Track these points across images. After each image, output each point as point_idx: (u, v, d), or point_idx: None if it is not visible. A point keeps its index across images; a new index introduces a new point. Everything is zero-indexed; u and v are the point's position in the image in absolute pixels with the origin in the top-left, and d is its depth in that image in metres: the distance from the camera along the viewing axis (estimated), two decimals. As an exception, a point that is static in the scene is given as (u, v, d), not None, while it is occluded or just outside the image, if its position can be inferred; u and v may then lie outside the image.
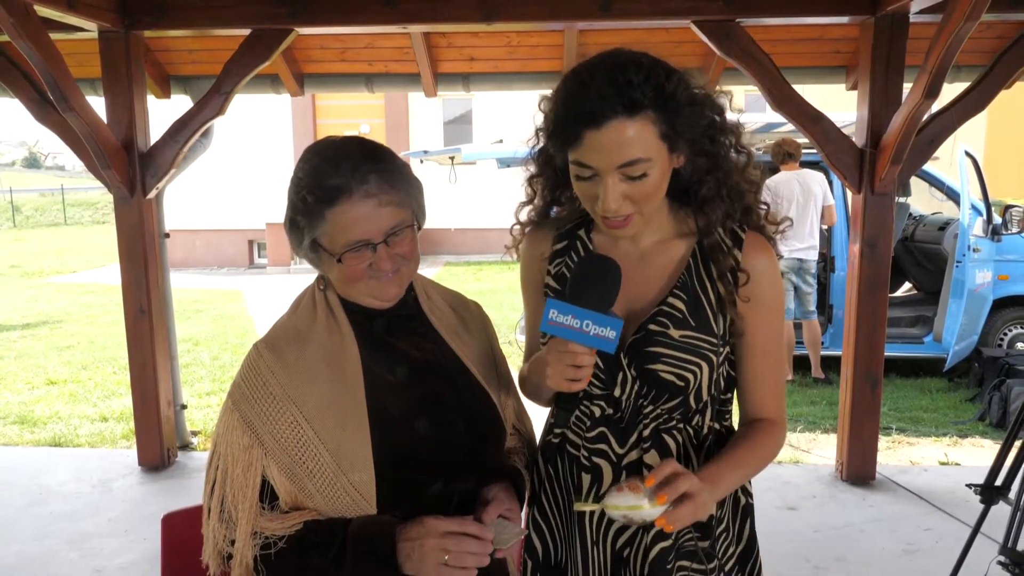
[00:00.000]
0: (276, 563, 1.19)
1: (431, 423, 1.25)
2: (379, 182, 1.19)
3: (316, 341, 1.25)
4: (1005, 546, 2.27)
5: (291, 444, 1.20)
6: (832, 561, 3.31)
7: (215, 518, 1.23)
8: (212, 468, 1.25)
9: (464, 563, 1.15)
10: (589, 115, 1.13)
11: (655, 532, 1.27)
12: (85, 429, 5.39)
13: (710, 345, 1.26)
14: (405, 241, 1.24)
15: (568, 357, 1.16)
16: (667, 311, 1.27)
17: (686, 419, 1.30)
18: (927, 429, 5.21)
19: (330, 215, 1.18)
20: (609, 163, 1.15)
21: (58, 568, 3.33)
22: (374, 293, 1.25)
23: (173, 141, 4.09)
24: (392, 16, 3.84)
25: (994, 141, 15.28)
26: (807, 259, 5.87)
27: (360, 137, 1.27)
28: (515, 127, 14.53)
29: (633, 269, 1.30)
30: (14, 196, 28.19)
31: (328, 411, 1.20)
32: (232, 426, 1.23)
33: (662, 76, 1.15)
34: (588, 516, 1.32)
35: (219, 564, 1.24)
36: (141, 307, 4.20)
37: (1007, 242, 5.94)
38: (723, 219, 1.28)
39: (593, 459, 1.31)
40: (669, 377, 1.25)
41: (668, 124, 1.16)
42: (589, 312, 1.14)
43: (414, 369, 1.29)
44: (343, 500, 1.19)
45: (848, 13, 3.74)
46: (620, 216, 1.21)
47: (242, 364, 1.27)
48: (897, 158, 3.60)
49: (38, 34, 3.33)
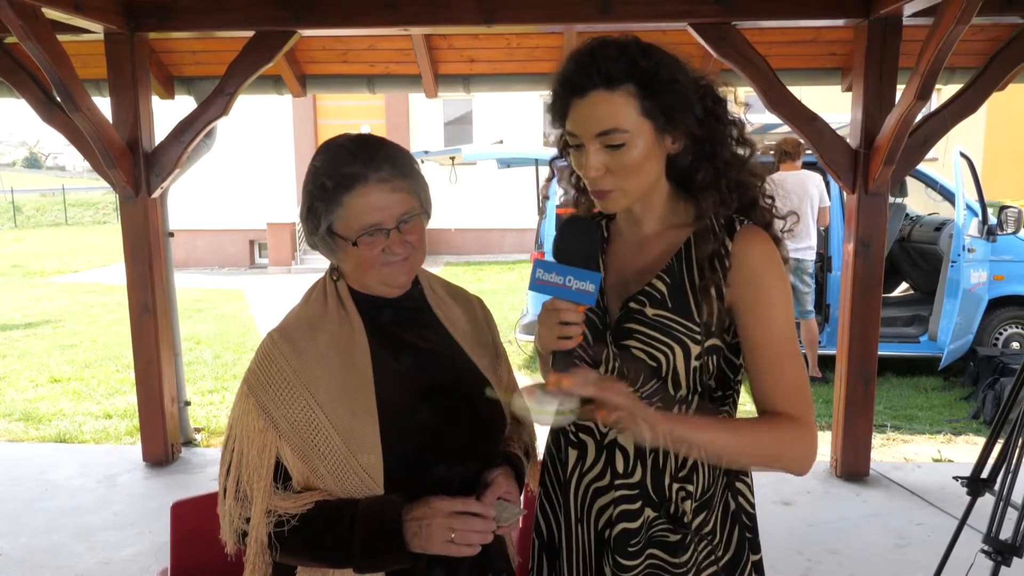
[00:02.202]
0: (289, 540, 1.26)
1: (435, 410, 1.31)
2: (392, 169, 1.27)
3: (327, 330, 1.32)
4: (989, 535, 2.33)
5: (303, 427, 1.26)
6: (825, 554, 3.37)
7: (231, 497, 1.29)
8: (228, 450, 1.31)
9: (469, 540, 1.23)
10: (576, 86, 1.24)
11: (620, 511, 1.30)
12: (90, 426, 5.44)
13: (686, 329, 1.27)
14: (416, 229, 1.31)
15: (555, 315, 1.21)
16: (648, 291, 1.30)
17: (666, 407, 1.28)
18: (922, 427, 5.26)
19: (347, 200, 1.26)
20: (588, 131, 1.24)
21: (66, 560, 3.39)
22: (386, 280, 1.32)
23: (177, 141, 4.15)
24: (393, 18, 3.89)
25: (993, 143, 15.32)
26: (804, 259, 5.93)
27: (369, 134, 1.36)
28: (515, 128, 14.61)
29: (633, 256, 1.35)
30: (15, 196, 28.24)
31: (339, 396, 1.27)
32: (247, 410, 1.29)
33: (636, 53, 1.23)
34: (573, 494, 1.36)
35: (235, 541, 1.30)
36: (146, 305, 4.26)
37: (1002, 242, 5.99)
38: (716, 207, 1.29)
39: (580, 435, 1.35)
40: (640, 355, 1.28)
41: (650, 101, 1.23)
42: (571, 268, 1.21)
43: (420, 359, 1.35)
44: (352, 481, 1.26)
45: (842, 16, 3.80)
46: (600, 188, 1.28)
47: (256, 351, 1.33)
48: (890, 159, 3.65)
49: (46, 36, 3.38)
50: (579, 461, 1.35)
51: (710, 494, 1.33)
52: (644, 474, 1.31)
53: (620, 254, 1.39)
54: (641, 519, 1.30)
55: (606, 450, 1.33)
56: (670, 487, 1.31)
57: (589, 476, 1.35)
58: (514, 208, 14.33)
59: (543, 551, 1.45)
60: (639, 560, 1.30)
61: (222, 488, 1.30)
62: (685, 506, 1.30)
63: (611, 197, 1.29)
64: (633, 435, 1.16)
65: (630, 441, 1.27)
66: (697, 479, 1.31)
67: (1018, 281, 6.17)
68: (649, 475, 1.31)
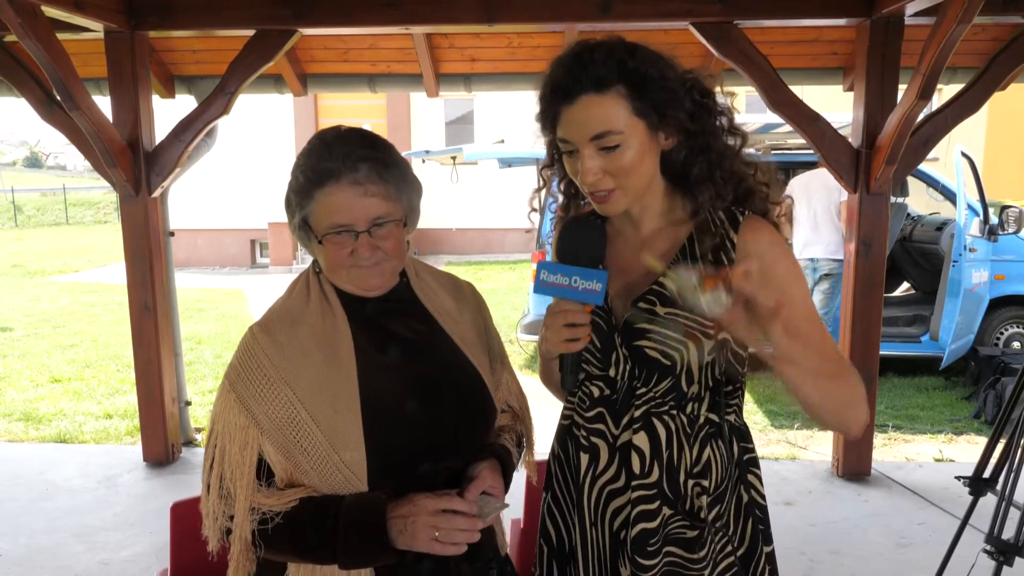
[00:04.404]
0: (273, 537, 1.25)
1: (422, 404, 1.29)
2: (369, 172, 1.24)
3: (308, 323, 1.30)
4: (991, 535, 2.33)
5: (285, 424, 1.24)
6: (827, 554, 3.36)
7: (215, 494, 1.27)
8: (210, 447, 1.29)
9: (454, 539, 1.22)
10: (564, 92, 1.24)
11: (638, 512, 1.29)
12: (90, 426, 5.44)
13: (699, 325, 1.26)
14: (390, 236, 1.27)
15: (562, 317, 1.20)
16: (657, 289, 1.29)
17: (679, 406, 1.30)
18: (923, 427, 5.26)
19: (318, 195, 1.24)
20: (582, 135, 1.23)
21: (65, 560, 3.39)
22: (354, 281, 1.30)
23: (178, 140, 4.14)
24: (394, 17, 3.89)
25: (994, 142, 15.31)
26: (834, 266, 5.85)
27: (364, 129, 1.31)
28: (516, 127, 14.58)
29: (635, 255, 1.33)
30: (16, 196, 28.24)
31: (320, 392, 1.25)
32: (228, 406, 1.27)
33: (623, 53, 1.23)
34: (587, 497, 1.34)
35: (219, 539, 1.29)
36: (146, 304, 4.25)
37: (1003, 242, 5.98)
38: (712, 200, 1.30)
39: (592, 439, 1.34)
40: (654, 355, 1.27)
41: (641, 100, 1.22)
42: (576, 268, 1.19)
43: (406, 350, 1.33)
44: (336, 477, 1.24)
45: (844, 15, 3.79)
46: (602, 191, 1.26)
47: (238, 346, 1.31)
48: (892, 159, 3.65)
49: (45, 34, 3.37)
50: (591, 464, 1.34)
51: (723, 488, 1.33)
52: (661, 473, 1.30)
53: (620, 254, 1.38)
54: (659, 518, 1.30)
55: (619, 452, 1.32)
56: (685, 483, 1.31)
57: (603, 479, 1.34)
58: (515, 208, 14.29)
59: (552, 558, 1.44)
60: (657, 560, 1.30)
61: (205, 485, 1.29)
62: (700, 501, 1.31)
63: (613, 198, 1.27)
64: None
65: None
66: (711, 474, 1.32)
67: (1019, 281, 6.16)
68: (664, 474, 1.30)
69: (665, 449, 1.30)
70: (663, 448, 1.30)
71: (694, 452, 1.31)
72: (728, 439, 1.35)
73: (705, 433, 1.32)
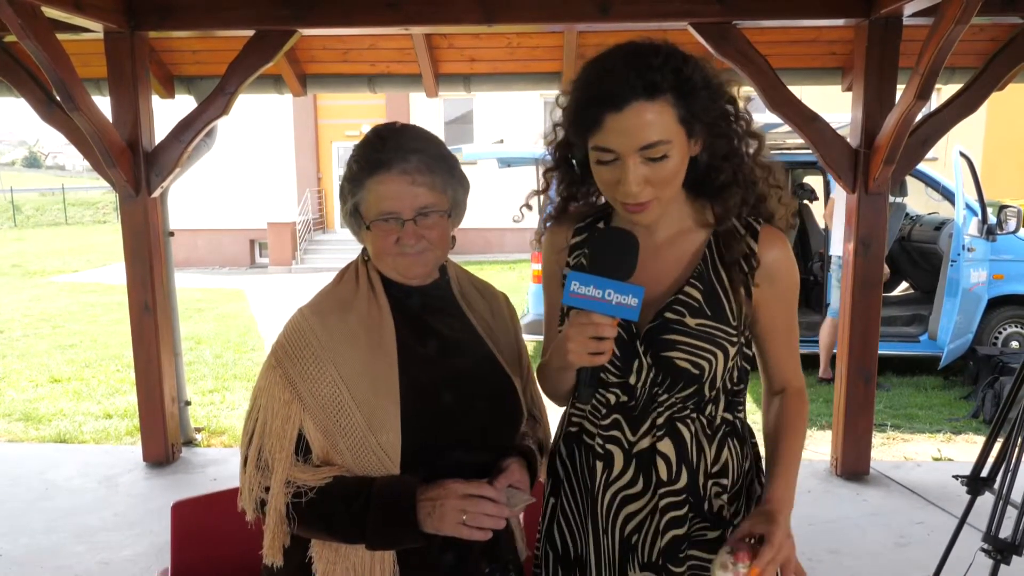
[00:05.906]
0: (306, 512, 1.28)
1: (455, 397, 1.33)
2: (418, 163, 1.30)
3: (357, 310, 1.35)
4: (988, 533, 2.34)
5: (328, 402, 1.29)
6: (826, 553, 3.37)
7: (252, 466, 1.32)
8: (251, 420, 1.34)
9: (481, 524, 1.24)
10: (610, 98, 1.16)
11: (668, 519, 1.29)
12: (90, 426, 5.45)
13: (725, 334, 1.28)
14: (435, 226, 1.33)
15: (590, 329, 1.17)
16: (683, 299, 1.29)
17: (699, 409, 1.31)
18: (922, 426, 5.27)
19: (369, 183, 1.31)
20: (630, 145, 1.17)
21: (66, 560, 3.39)
22: (399, 268, 1.35)
23: (178, 141, 4.15)
24: (394, 17, 3.89)
25: (993, 142, 15.32)
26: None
27: (417, 125, 1.39)
28: (515, 127, 14.61)
29: (649, 260, 1.30)
30: (15, 196, 28.23)
31: (363, 375, 1.30)
32: (273, 382, 1.32)
33: (679, 61, 1.19)
34: (599, 503, 1.34)
35: (254, 510, 1.33)
36: (146, 304, 4.25)
37: (1002, 242, 6.00)
38: (739, 206, 1.29)
39: (607, 446, 1.33)
40: (685, 365, 1.27)
41: (686, 108, 1.19)
42: (610, 281, 1.15)
43: (443, 346, 1.38)
44: (370, 459, 1.28)
45: (843, 16, 3.79)
46: (640, 201, 1.22)
47: (286, 325, 1.36)
48: (890, 158, 3.65)
49: (45, 35, 3.37)
50: (606, 471, 1.34)
51: (739, 486, 1.36)
52: (688, 479, 1.31)
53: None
54: (687, 524, 1.30)
55: (636, 459, 1.32)
56: (705, 485, 1.32)
57: (617, 485, 1.33)
58: (515, 208, 14.25)
59: (558, 564, 1.43)
60: (683, 567, 1.30)
61: (243, 456, 1.34)
62: (721, 500, 1.33)
63: (649, 208, 1.24)
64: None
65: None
66: (728, 473, 1.34)
67: (1017, 280, 6.17)
68: (688, 478, 1.31)
69: (690, 453, 1.31)
70: (688, 452, 1.31)
71: (713, 452, 1.33)
72: (742, 437, 1.38)
73: (723, 433, 1.34)
